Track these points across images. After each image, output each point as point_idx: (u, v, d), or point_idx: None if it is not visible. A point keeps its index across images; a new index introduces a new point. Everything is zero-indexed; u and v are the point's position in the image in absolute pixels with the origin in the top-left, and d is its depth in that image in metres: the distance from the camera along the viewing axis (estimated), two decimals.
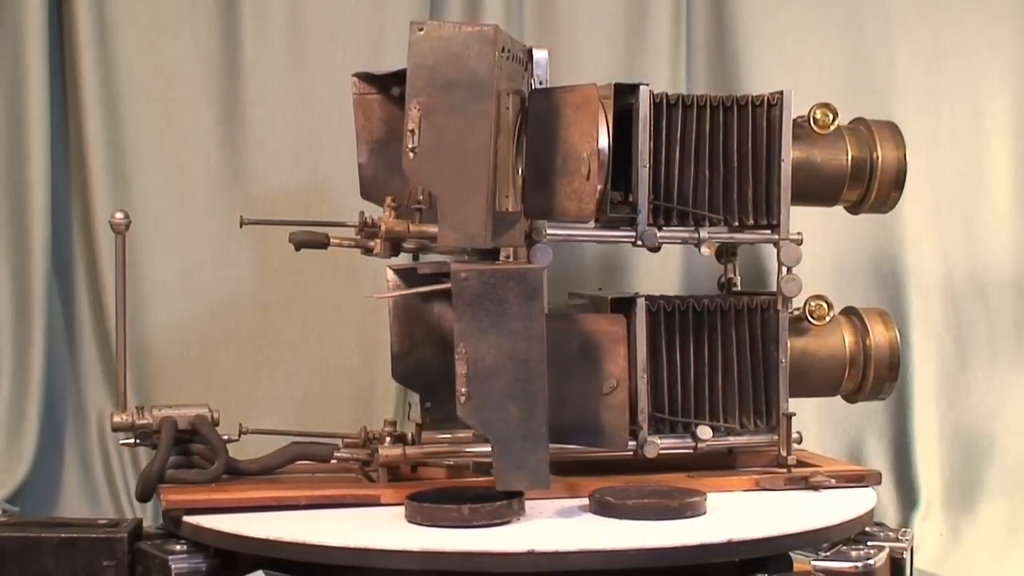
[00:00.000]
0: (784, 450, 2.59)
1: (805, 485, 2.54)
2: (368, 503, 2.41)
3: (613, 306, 2.58)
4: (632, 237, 2.54)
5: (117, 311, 2.58)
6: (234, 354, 3.06)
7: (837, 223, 3.09)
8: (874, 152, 2.69)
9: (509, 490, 2.28)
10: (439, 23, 2.24)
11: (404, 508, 2.29)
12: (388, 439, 2.53)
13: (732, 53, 3.17)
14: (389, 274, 2.73)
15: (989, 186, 3.24)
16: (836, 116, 2.65)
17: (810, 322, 2.66)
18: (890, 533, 2.47)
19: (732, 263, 2.79)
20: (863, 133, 2.71)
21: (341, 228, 2.58)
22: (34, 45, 2.93)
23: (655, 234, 2.54)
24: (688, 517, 2.31)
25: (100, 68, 2.99)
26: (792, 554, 2.36)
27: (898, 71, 3.21)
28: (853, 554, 2.29)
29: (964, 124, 3.23)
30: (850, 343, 2.71)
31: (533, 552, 2.14)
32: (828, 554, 2.30)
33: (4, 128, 2.97)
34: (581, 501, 2.40)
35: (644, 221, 2.54)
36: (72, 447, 3.03)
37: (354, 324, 3.08)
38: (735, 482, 2.55)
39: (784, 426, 2.59)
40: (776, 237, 2.60)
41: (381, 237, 2.48)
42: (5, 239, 2.97)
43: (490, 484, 2.31)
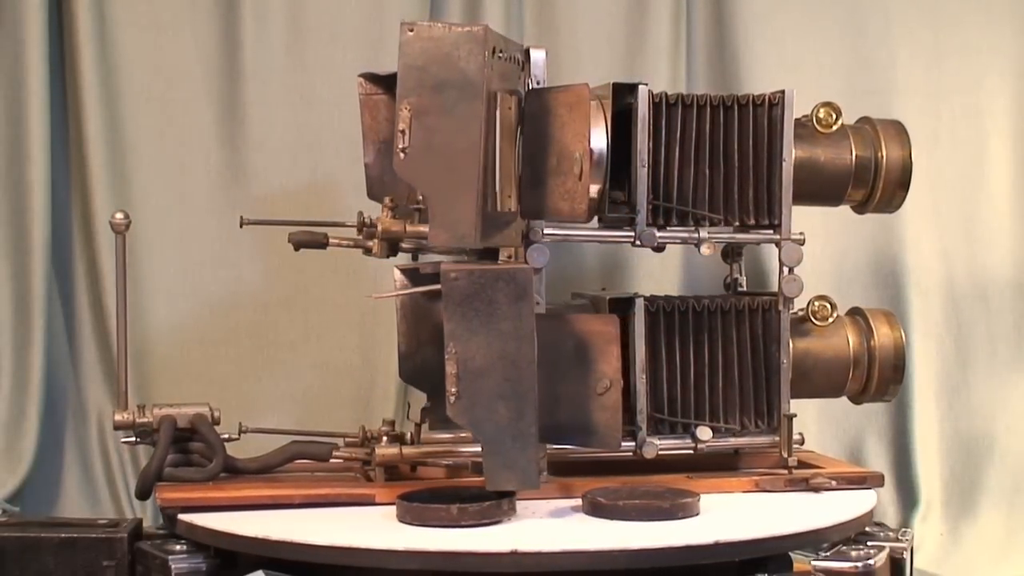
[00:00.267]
0: (785, 451, 2.58)
1: (805, 487, 2.54)
2: (363, 502, 2.41)
3: (612, 306, 2.57)
4: (631, 237, 2.54)
5: (118, 311, 2.59)
6: (234, 354, 3.06)
7: (837, 223, 3.09)
8: (879, 151, 2.67)
9: (499, 490, 2.28)
10: (429, 24, 2.24)
11: (395, 508, 2.30)
12: (385, 439, 2.55)
13: (732, 53, 3.17)
14: (396, 273, 2.74)
15: (989, 186, 3.24)
16: (840, 115, 2.64)
17: (813, 323, 2.65)
18: (890, 533, 2.47)
19: (738, 263, 2.78)
20: (868, 132, 2.70)
21: (341, 228, 2.58)
22: (34, 45, 2.93)
23: (654, 234, 2.54)
24: (680, 518, 2.30)
25: (100, 68, 2.99)
26: (792, 554, 2.36)
27: (898, 71, 3.21)
28: (853, 554, 2.29)
29: (964, 124, 3.23)
30: (854, 344, 2.70)
31: (516, 552, 2.14)
32: (828, 554, 2.30)
33: (4, 128, 2.97)
34: (575, 502, 2.40)
35: (643, 221, 2.53)
36: (72, 447, 3.03)
37: (354, 324, 3.08)
38: (734, 483, 2.55)
39: (785, 427, 2.58)
40: (778, 237, 2.59)
41: (378, 237, 2.49)
42: (5, 239, 2.97)
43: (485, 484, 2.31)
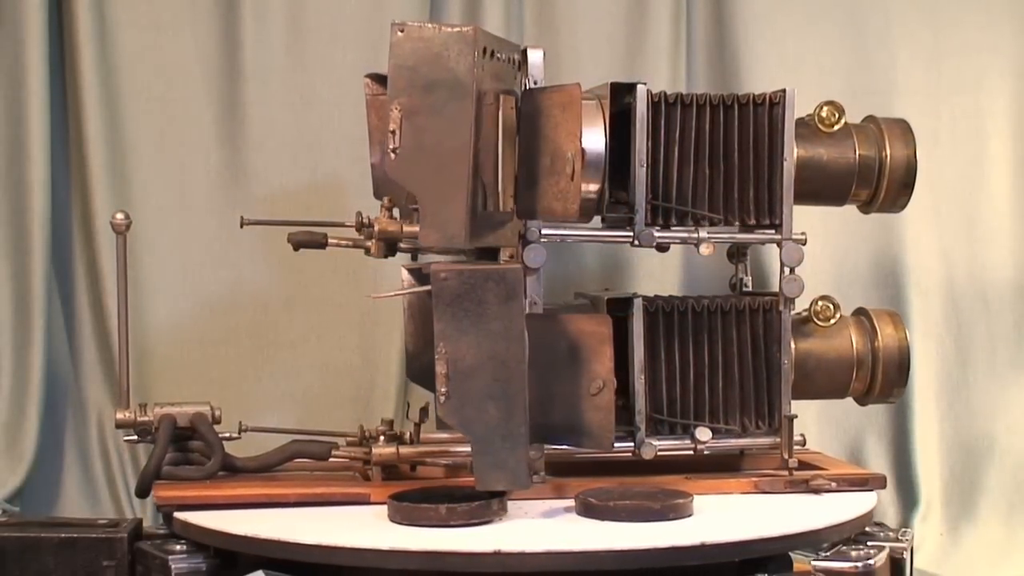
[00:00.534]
0: (786, 452, 2.57)
1: (806, 488, 2.53)
2: (358, 501, 2.41)
3: (610, 306, 2.57)
4: (630, 237, 2.54)
5: (119, 310, 2.59)
6: (234, 354, 3.06)
7: (837, 223, 3.09)
8: (883, 151, 2.65)
9: (489, 490, 2.28)
10: (419, 24, 2.24)
11: (386, 507, 2.31)
12: (382, 438, 2.55)
13: (732, 53, 3.17)
14: (404, 273, 2.74)
15: (989, 186, 3.23)
16: (843, 114, 2.61)
17: (816, 323, 2.63)
18: (890, 533, 2.47)
19: (743, 264, 2.77)
20: (872, 131, 2.68)
21: (341, 228, 2.58)
22: (34, 45, 2.93)
23: (652, 234, 2.53)
24: (671, 519, 2.30)
25: (100, 68, 2.99)
26: (792, 554, 2.36)
27: (898, 71, 3.20)
28: (853, 554, 2.29)
29: (964, 124, 3.23)
30: (858, 345, 2.68)
31: (499, 552, 2.14)
32: (828, 554, 2.30)
33: (4, 128, 2.97)
34: (568, 502, 2.40)
35: (642, 221, 2.52)
36: (72, 447, 3.03)
37: (354, 324, 3.08)
38: (733, 484, 2.54)
39: (786, 428, 2.57)
40: (779, 237, 2.58)
41: (374, 237, 2.49)
42: (5, 239, 2.97)
43: None
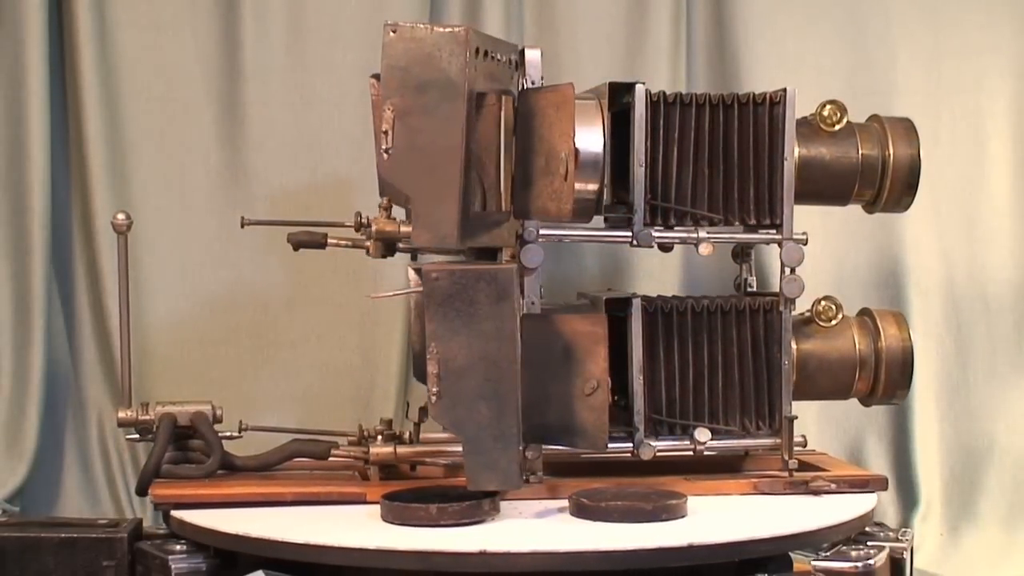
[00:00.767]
0: (786, 453, 2.56)
1: (805, 490, 2.52)
2: (354, 501, 2.42)
3: (610, 306, 2.57)
4: (629, 237, 2.53)
5: (121, 310, 2.61)
6: (234, 354, 3.06)
7: (837, 223, 3.09)
8: (886, 150, 2.63)
9: (481, 490, 2.29)
10: (412, 25, 2.25)
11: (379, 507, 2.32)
12: (380, 438, 2.56)
13: (732, 53, 3.16)
14: (410, 273, 2.74)
15: (989, 186, 3.23)
16: (845, 113, 2.60)
17: (818, 324, 2.63)
18: (890, 533, 2.47)
19: (747, 264, 2.75)
20: (876, 130, 2.66)
21: (341, 228, 2.58)
22: (34, 45, 2.93)
23: (651, 234, 2.52)
24: (663, 520, 2.30)
25: (100, 68, 2.99)
26: (792, 554, 2.36)
27: (898, 71, 3.20)
28: (853, 554, 2.29)
29: (964, 125, 3.23)
30: (861, 345, 2.66)
31: (484, 552, 2.15)
32: (828, 554, 2.30)
33: (4, 128, 2.97)
34: (563, 503, 2.40)
35: (640, 221, 2.52)
36: (72, 447, 3.03)
37: (354, 324, 3.08)
38: (732, 485, 2.54)
39: (786, 429, 2.56)
40: (779, 237, 2.57)
41: (372, 237, 2.50)
42: (5, 239, 2.98)
43: None
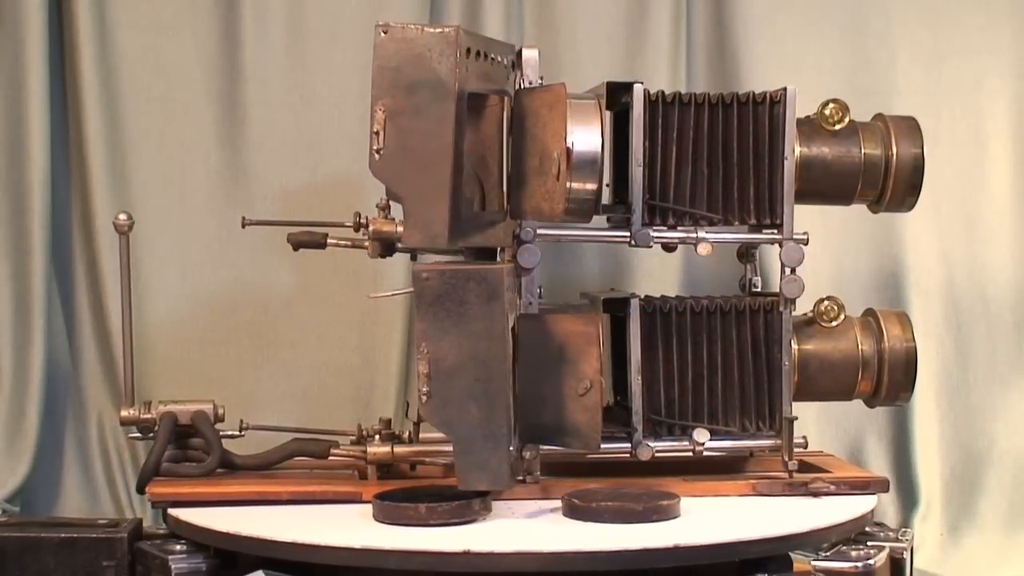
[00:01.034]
0: (786, 454, 2.55)
1: (805, 491, 2.51)
2: (350, 500, 2.42)
3: (610, 307, 2.57)
4: (627, 237, 2.53)
5: (123, 310, 2.62)
6: (234, 354, 3.06)
7: (837, 223, 3.09)
8: (889, 149, 2.61)
9: (471, 490, 2.29)
10: (402, 25, 2.25)
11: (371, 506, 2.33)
12: (377, 437, 2.57)
13: (732, 54, 3.16)
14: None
15: (989, 186, 3.23)
16: (847, 112, 2.58)
17: (821, 324, 2.61)
18: (890, 533, 2.47)
19: (752, 264, 2.74)
20: (879, 129, 2.64)
21: (342, 228, 2.58)
22: (34, 45, 2.93)
23: (649, 234, 2.52)
24: (653, 521, 2.29)
25: (100, 68, 2.99)
26: (792, 554, 2.36)
27: (898, 72, 3.20)
28: (853, 554, 2.29)
29: (964, 125, 3.23)
30: (864, 346, 2.64)
31: (468, 552, 2.15)
32: (828, 554, 2.30)
33: (4, 128, 2.97)
34: (556, 503, 2.40)
35: (639, 221, 2.51)
36: (72, 447, 3.03)
37: (354, 324, 3.08)
38: (730, 487, 2.53)
39: (786, 430, 2.55)
40: (779, 237, 2.56)
41: (370, 237, 2.50)
42: (5, 239, 2.98)
43: None
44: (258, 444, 2.67)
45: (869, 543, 2.37)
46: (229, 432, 2.63)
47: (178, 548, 2.33)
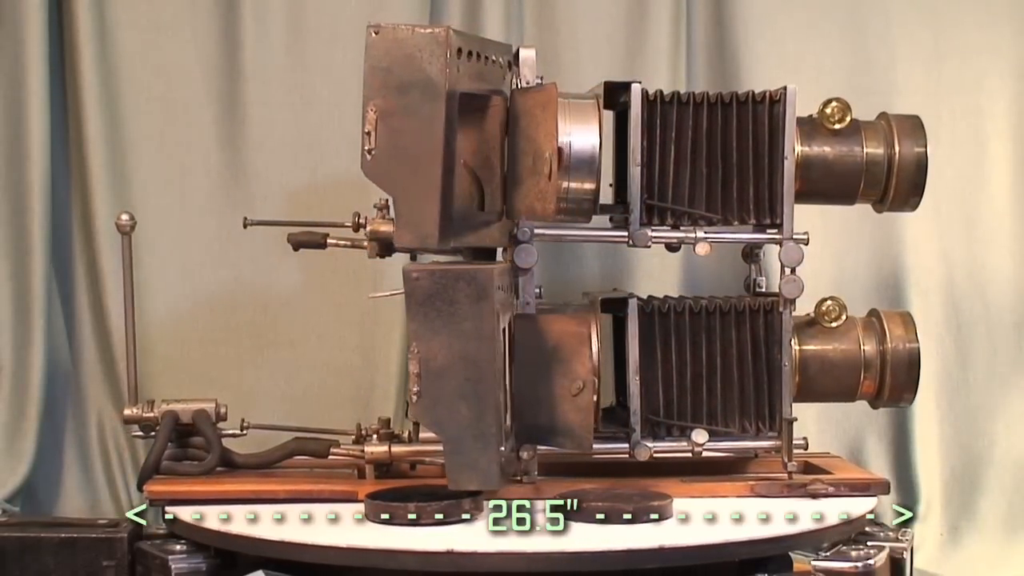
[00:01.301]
0: (785, 456, 2.54)
1: (803, 493, 2.49)
2: (346, 499, 2.42)
3: (607, 307, 2.57)
4: (625, 237, 2.53)
5: (126, 310, 2.63)
6: (234, 354, 3.06)
7: (837, 223, 3.09)
8: (891, 148, 2.59)
9: (462, 489, 2.29)
10: (394, 26, 2.26)
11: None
12: (375, 436, 2.58)
13: (732, 54, 3.16)
14: None
15: (989, 186, 3.23)
16: (849, 111, 2.56)
17: (823, 324, 2.60)
18: (890, 533, 2.47)
19: (757, 264, 2.73)
20: (882, 128, 2.61)
21: (343, 228, 2.58)
22: (34, 45, 2.93)
23: (647, 234, 2.51)
24: (644, 522, 2.29)
25: (100, 68, 2.99)
26: (792, 554, 2.35)
27: (898, 71, 3.20)
28: (853, 554, 2.29)
29: (964, 125, 3.23)
30: (866, 347, 2.62)
31: (452, 552, 2.16)
32: (828, 554, 2.30)
33: (4, 128, 2.97)
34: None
35: (637, 220, 2.51)
36: (72, 447, 3.04)
37: (354, 324, 3.08)
38: (728, 488, 2.52)
39: (786, 432, 2.54)
40: (779, 237, 2.55)
41: (368, 238, 2.50)
42: (5, 239, 2.98)
43: None
44: (260, 443, 2.67)
45: (869, 543, 2.37)
46: (231, 431, 2.64)
47: (178, 548, 2.33)
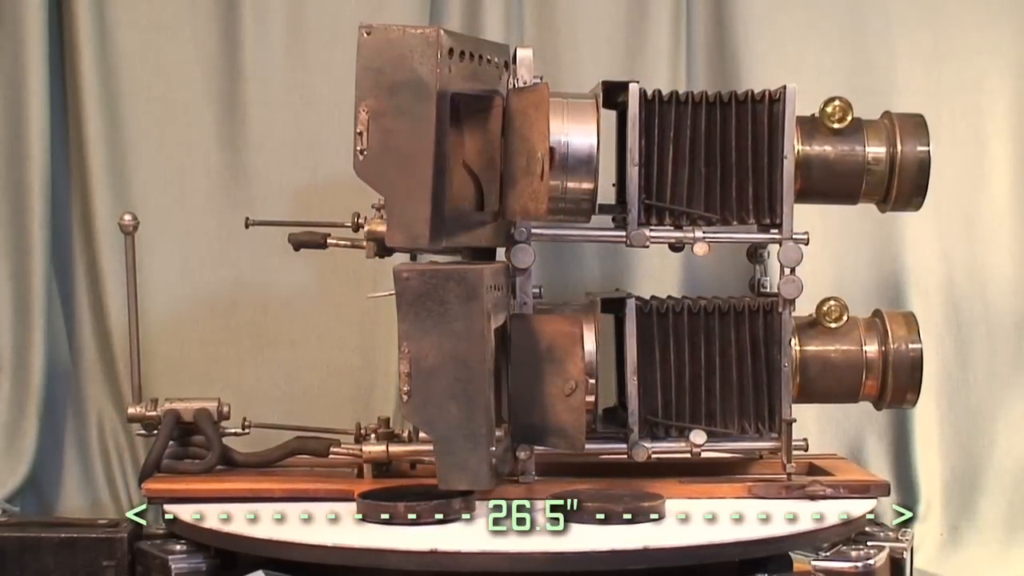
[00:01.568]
0: (785, 457, 2.54)
1: (802, 494, 2.48)
2: (342, 498, 2.42)
3: (606, 307, 2.56)
4: (623, 237, 2.52)
5: (129, 309, 2.64)
6: (234, 353, 3.06)
7: (837, 223, 3.08)
8: (894, 147, 2.57)
9: (452, 489, 2.30)
10: (385, 26, 2.26)
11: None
12: (373, 436, 2.58)
13: (732, 54, 3.16)
14: None
15: (989, 186, 3.23)
16: (850, 110, 2.54)
17: (824, 325, 2.58)
18: (890, 533, 2.46)
19: (761, 264, 2.72)
20: (885, 127, 2.59)
21: (343, 228, 2.59)
22: (34, 45, 2.93)
23: (645, 234, 2.51)
24: (636, 522, 2.28)
25: (100, 68, 2.99)
26: (792, 554, 2.35)
27: (898, 72, 3.20)
28: (853, 554, 2.29)
29: (964, 125, 3.22)
30: (868, 347, 2.61)
31: (435, 551, 2.16)
32: (828, 554, 2.30)
33: (4, 128, 2.98)
34: (543, 504, 2.37)
35: (635, 220, 2.51)
36: (72, 447, 3.04)
37: (354, 324, 3.08)
38: (726, 489, 2.51)
39: (785, 433, 2.53)
40: (778, 236, 2.54)
41: (366, 238, 2.51)
42: (5, 239, 2.98)
43: None
44: (261, 443, 2.67)
45: (869, 543, 2.37)
46: (232, 430, 2.64)
47: (178, 548, 2.33)
